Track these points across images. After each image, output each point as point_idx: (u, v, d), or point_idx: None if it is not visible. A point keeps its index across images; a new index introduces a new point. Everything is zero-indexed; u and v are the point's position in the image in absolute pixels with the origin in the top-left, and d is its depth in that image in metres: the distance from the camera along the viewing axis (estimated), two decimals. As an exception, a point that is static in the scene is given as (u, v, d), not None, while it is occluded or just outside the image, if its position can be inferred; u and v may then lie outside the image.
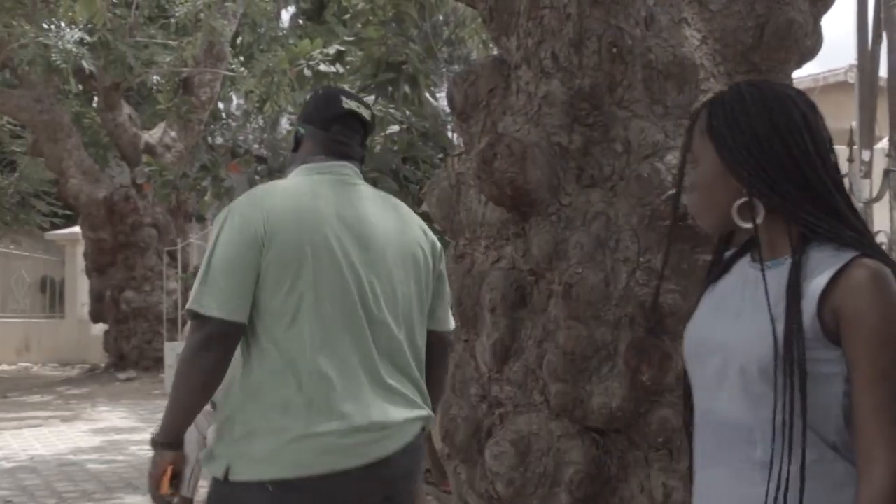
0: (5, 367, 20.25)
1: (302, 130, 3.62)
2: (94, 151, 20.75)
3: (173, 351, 14.88)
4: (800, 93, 2.40)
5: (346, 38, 8.43)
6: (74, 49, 13.31)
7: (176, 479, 3.37)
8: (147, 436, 10.80)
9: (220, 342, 3.18)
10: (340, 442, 3.22)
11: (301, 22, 23.71)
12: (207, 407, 5.63)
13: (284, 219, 3.27)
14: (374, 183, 7.55)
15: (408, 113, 8.37)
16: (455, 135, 10.28)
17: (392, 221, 3.56)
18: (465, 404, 4.56)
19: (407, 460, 3.42)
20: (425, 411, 3.54)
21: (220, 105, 22.07)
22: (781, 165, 2.28)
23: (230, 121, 25.02)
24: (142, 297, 16.98)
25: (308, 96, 3.93)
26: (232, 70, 16.53)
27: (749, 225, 2.34)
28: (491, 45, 11.21)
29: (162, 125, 17.53)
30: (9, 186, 18.02)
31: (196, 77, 15.95)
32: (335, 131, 3.56)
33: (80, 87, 16.25)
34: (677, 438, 4.00)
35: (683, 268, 4.06)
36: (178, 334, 17.79)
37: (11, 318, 21.03)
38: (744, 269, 2.43)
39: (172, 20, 14.92)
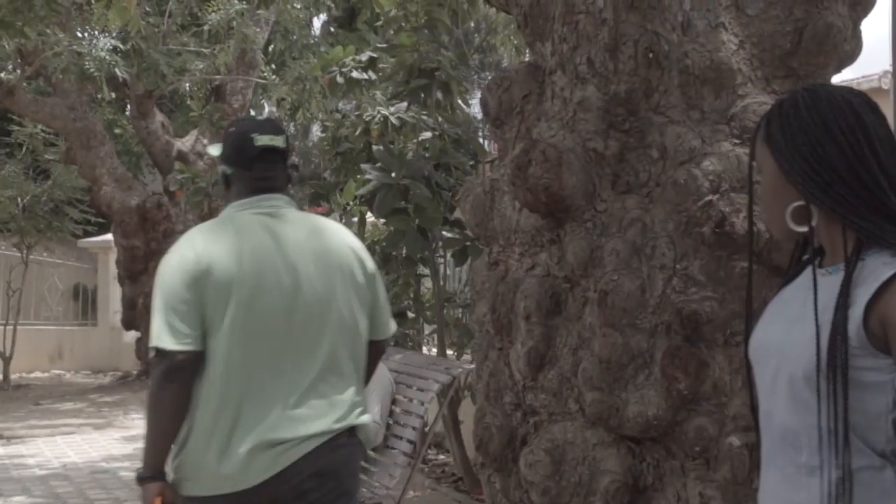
0: (38, 374, 20.31)
1: (228, 172, 3.90)
2: (127, 159, 20.83)
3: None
4: (857, 94, 2.37)
5: (378, 45, 8.40)
6: (108, 57, 13.37)
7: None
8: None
9: (181, 372, 3.55)
10: (251, 463, 3.56)
11: (332, 30, 23.77)
12: None
13: (217, 256, 3.62)
14: (406, 190, 7.55)
15: (440, 119, 8.33)
16: (487, 141, 10.26)
17: (319, 244, 3.86)
18: (500, 412, 4.53)
19: (318, 461, 3.69)
20: (350, 419, 3.81)
21: (252, 113, 22.12)
22: (835, 169, 2.25)
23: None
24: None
25: (226, 133, 4.05)
26: (264, 78, 16.55)
27: (803, 229, 2.31)
28: (524, 52, 11.17)
29: (194, 133, 17.54)
30: (42, 194, 18.09)
31: (228, 85, 15.97)
32: (257, 169, 3.83)
33: (113, 94, 16.28)
34: (714, 447, 3.95)
35: (720, 275, 4.00)
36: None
37: (44, 326, 21.10)
38: (808, 274, 2.40)
39: (205, 28, 14.95)
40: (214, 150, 4.05)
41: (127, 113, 23.46)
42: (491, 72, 27.40)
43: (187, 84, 17.08)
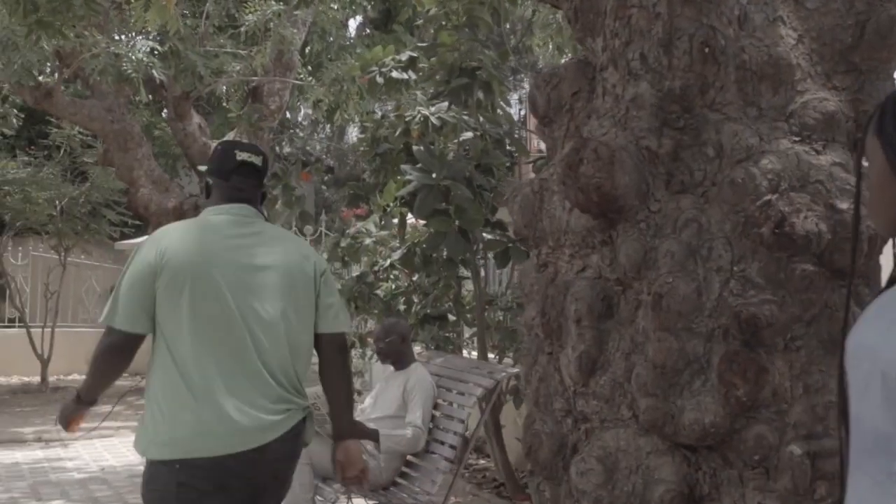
0: (76, 376, 20.27)
1: (209, 181, 4.46)
2: (164, 162, 20.80)
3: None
4: None
5: (419, 45, 8.28)
6: (145, 59, 13.30)
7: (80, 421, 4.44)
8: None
9: (120, 348, 4.16)
10: (204, 434, 4.03)
11: (368, 31, 23.70)
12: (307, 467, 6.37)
13: (175, 252, 4.14)
14: (447, 191, 7.44)
15: (481, 119, 8.20)
16: (529, 142, 10.12)
17: (277, 250, 4.34)
18: (550, 419, 4.41)
19: (283, 448, 4.20)
20: (295, 407, 4.25)
21: (288, 115, 22.08)
22: None
23: (297, 130, 25.04)
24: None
25: (213, 150, 4.66)
26: (301, 79, 16.47)
27: None
28: (565, 51, 11.05)
29: (231, 134, 17.45)
30: (80, 196, 18.07)
31: (265, 86, 15.88)
32: (234, 181, 4.39)
33: (150, 96, 16.24)
34: (774, 456, 3.82)
35: (780, 277, 3.88)
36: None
37: (82, 328, 21.09)
38: None
39: (242, 29, 14.87)
40: (249, 155, 4.49)
41: (164, 115, 23.49)
42: (527, 74, 27.28)
43: (224, 86, 17.02)
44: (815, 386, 3.86)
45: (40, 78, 15.28)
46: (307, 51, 19.45)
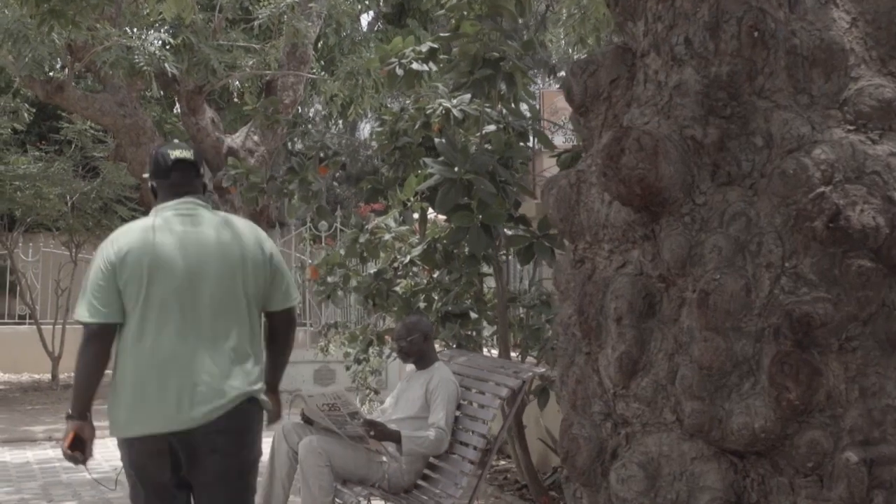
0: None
1: (153, 184, 4.90)
2: (198, 153, 20.59)
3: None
4: None
5: (441, 34, 8.07)
6: (157, 52, 13.14)
7: (79, 441, 4.73)
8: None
9: (96, 338, 4.58)
10: (167, 411, 4.51)
11: (380, 26, 23.52)
12: (298, 420, 6.55)
13: (131, 249, 4.60)
14: (470, 185, 7.23)
15: (504, 112, 7.99)
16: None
17: (225, 235, 4.75)
18: (588, 423, 4.20)
19: (227, 422, 4.58)
20: (248, 387, 4.65)
21: (300, 110, 21.92)
22: None
23: (310, 126, 24.87)
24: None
25: (149, 157, 5.14)
26: (315, 73, 16.31)
27: None
28: (587, 42, 10.84)
29: (244, 129, 17.30)
30: (91, 192, 17.86)
31: (279, 80, 15.71)
32: (173, 178, 4.82)
33: (162, 91, 16.05)
34: (829, 463, 3.62)
35: (834, 274, 3.66)
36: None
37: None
38: None
39: (256, 23, 14.71)
40: (181, 152, 4.96)
41: (175, 111, 23.32)
42: (539, 69, 27.08)
43: (237, 81, 16.87)
44: (872, 389, 3.65)
45: (51, 74, 15.14)
46: (320, 45, 19.27)
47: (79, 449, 4.78)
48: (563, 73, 27.12)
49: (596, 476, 4.14)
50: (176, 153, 4.91)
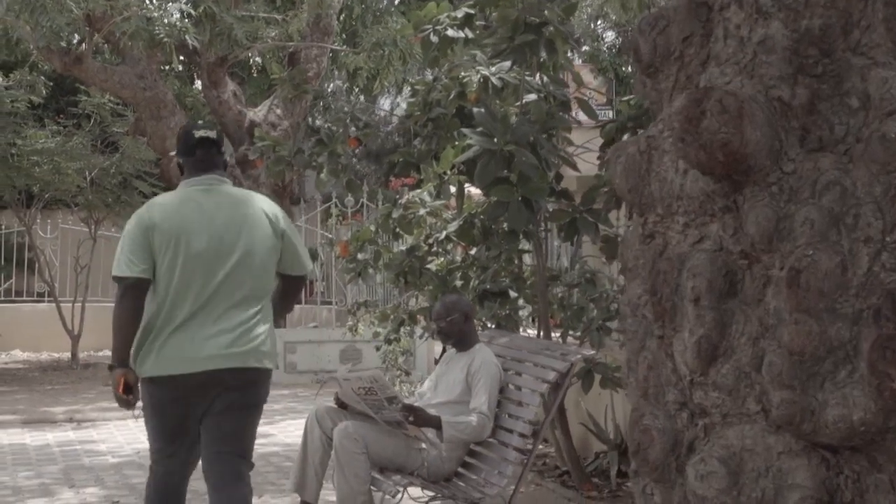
0: (107, 352, 19.83)
1: (180, 160, 5.46)
2: (220, 132, 20.27)
3: (281, 339, 14.30)
4: None
5: (478, -1, 7.68)
6: (178, 23, 12.80)
7: (128, 386, 5.12)
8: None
9: (131, 291, 5.13)
10: (185, 355, 5.12)
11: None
12: (332, 405, 6.61)
13: (163, 217, 5.19)
14: (511, 156, 6.86)
15: (545, 80, 7.61)
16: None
17: (242, 209, 5.33)
18: (661, 413, 3.83)
19: (239, 379, 5.22)
20: (259, 355, 5.27)
21: (321, 84, 21.54)
22: None
23: (331, 100, 24.52)
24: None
25: (177, 135, 5.67)
26: (340, 45, 15.97)
27: None
28: (630, 9, 10.42)
29: (267, 103, 16.98)
30: (110, 167, 17.50)
31: (302, 52, 15.37)
32: (198, 155, 5.36)
33: (182, 60, 15.68)
34: (936, 460, 3.26)
35: (943, 248, 3.30)
36: (284, 321, 17.21)
37: (112, 303, 20.57)
38: None
39: (278, -6, 14.42)
40: (206, 131, 5.49)
41: (194, 85, 22.98)
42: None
43: (257, 56, 16.55)
44: None
45: (69, 45, 14.82)
46: (342, 18, 18.89)
47: (128, 392, 5.16)
48: (585, 48, 26.72)
49: (670, 471, 3.79)
50: (200, 132, 5.45)
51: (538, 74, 7.67)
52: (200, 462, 5.40)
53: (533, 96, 7.53)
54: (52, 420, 11.74)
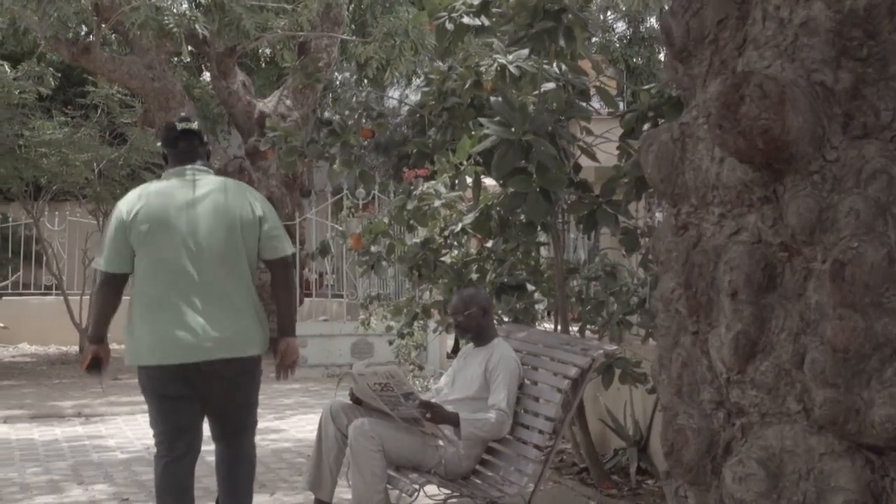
0: (114, 346, 19.64)
1: (163, 152, 5.79)
2: (202, 124, 20.12)
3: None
4: None
5: (493, -15, 7.51)
6: (187, 12, 12.65)
7: (96, 361, 5.61)
8: (267, 423, 10.07)
9: (107, 285, 5.52)
10: (172, 346, 5.33)
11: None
12: (347, 401, 6.47)
13: (140, 208, 5.42)
14: (529, 146, 6.70)
15: (564, 68, 7.44)
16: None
17: (220, 197, 5.52)
18: (696, 412, 3.68)
19: (228, 367, 5.45)
20: (240, 341, 5.50)
21: (336, 74, 21.39)
22: None
23: (339, 91, 24.35)
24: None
25: (161, 129, 6.24)
26: (350, 35, 15.80)
27: None
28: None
29: (277, 93, 16.82)
30: (118, 158, 17.34)
31: (312, 42, 15.21)
32: (180, 146, 5.66)
33: (191, 49, 15.49)
34: None
35: None
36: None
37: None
38: None
39: (287, -17, 14.25)
40: (186, 123, 5.80)
41: (202, 77, 22.81)
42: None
43: (266, 47, 16.39)
44: None
45: (77, 34, 14.67)
46: (351, 8, 18.72)
47: (95, 367, 5.64)
48: (595, 39, 26.48)
49: (705, 473, 3.64)
50: (182, 125, 5.75)
51: (555, 63, 7.48)
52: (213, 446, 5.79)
53: (551, 85, 7.36)
54: (61, 415, 11.60)
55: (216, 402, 5.59)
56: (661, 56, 29.70)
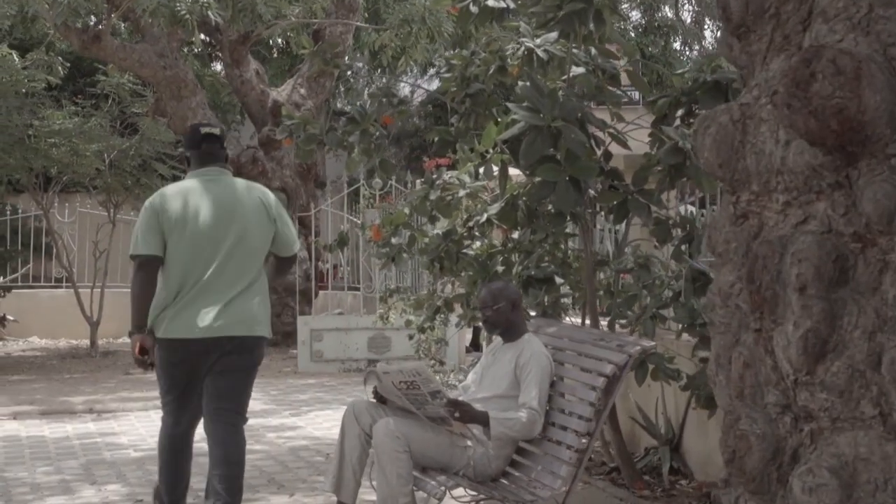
0: (125, 339, 19.45)
1: (188, 154, 6.28)
2: (223, 129, 19.83)
3: (307, 326, 13.88)
4: None
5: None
6: (200, -1, 12.40)
7: (143, 349, 5.87)
8: (283, 420, 9.80)
9: (144, 267, 5.93)
10: (191, 323, 5.87)
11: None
12: (372, 399, 6.28)
13: (169, 203, 5.96)
14: (558, 133, 6.42)
15: (593, 52, 7.15)
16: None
17: (240, 197, 6.09)
18: (760, 417, 3.41)
19: (237, 345, 5.94)
20: (253, 324, 6.00)
21: (347, 60, 21.08)
22: None
23: (351, 80, 24.10)
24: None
25: (185, 131, 7.13)
26: (365, 22, 15.52)
27: None
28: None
29: (290, 82, 16.55)
30: (129, 149, 17.06)
31: (327, 30, 14.94)
32: (203, 148, 6.19)
33: (204, 37, 15.22)
34: None
35: None
36: (309, 307, 16.76)
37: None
38: None
39: (301, -30, 13.99)
40: (210, 128, 6.38)
41: (213, 66, 22.56)
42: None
43: (278, 36, 16.13)
44: None
45: (79, 25, 14.44)
46: (366, -4, 18.45)
47: (144, 354, 5.90)
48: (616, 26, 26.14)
49: (770, 482, 3.37)
50: (206, 129, 6.33)
51: (582, 47, 7.19)
52: (202, 421, 6.12)
53: (581, 69, 7.07)
54: (72, 411, 11.32)
55: (226, 378, 6.02)
56: (676, 45, 29.42)
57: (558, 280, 7.38)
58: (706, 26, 28.64)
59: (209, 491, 6.07)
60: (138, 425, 10.41)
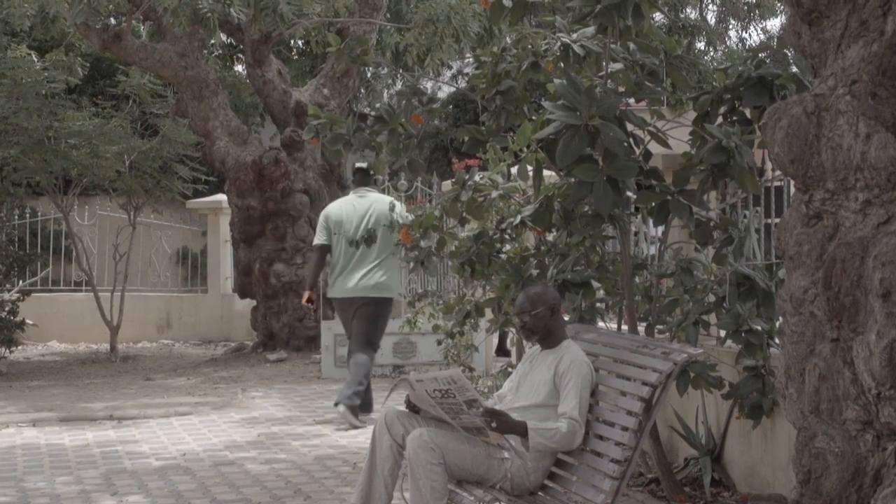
0: (145, 344, 19.27)
1: (352, 178, 11.22)
2: (371, 163, 19.58)
3: (331, 331, 13.62)
4: None
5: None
6: (222, -4, 12.17)
7: (310, 300, 10.48)
8: (307, 428, 9.61)
9: (318, 252, 10.71)
10: (343, 287, 10.39)
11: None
12: (402, 409, 5.97)
13: (333, 211, 10.59)
14: (596, 132, 6.17)
15: (632, 47, 6.89)
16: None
17: (376, 204, 10.43)
18: (838, 434, 3.14)
19: (367, 300, 10.30)
20: (381, 286, 10.35)
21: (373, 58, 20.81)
22: None
23: (373, 82, 23.85)
24: (292, 271, 15.51)
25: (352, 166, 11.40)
26: (388, 20, 15.27)
27: None
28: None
29: (313, 82, 16.31)
30: (150, 150, 16.86)
31: (350, 29, 14.69)
32: (357, 177, 10.82)
33: (227, 41, 15.00)
34: None
35: None
36: (332, 312, 16.49)
37: (153, 293, 20.06)
38: None
39: (323, -33, 13.74)
40: (361, 164, 10.84)
41: (235, 68, 22.33)
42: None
43: (300, 38, 15.87)
44: None
45: (101, 24, 14.23)
46: (390, -5, 18.20)
47: (310, 302, 10.45)
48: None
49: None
50: (359, 164, 10.73)
51: (619, 42, 6.94)
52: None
53: (618, 65, 6.82)
54: (92, 417, 11.07)
55: (361, 321, 10.31)
56: (701, 45, 29.07)
57: (595, 284, 7.12)
58: (731, 26, 28.29)
59: None
60: (160, 433, 10.18)
